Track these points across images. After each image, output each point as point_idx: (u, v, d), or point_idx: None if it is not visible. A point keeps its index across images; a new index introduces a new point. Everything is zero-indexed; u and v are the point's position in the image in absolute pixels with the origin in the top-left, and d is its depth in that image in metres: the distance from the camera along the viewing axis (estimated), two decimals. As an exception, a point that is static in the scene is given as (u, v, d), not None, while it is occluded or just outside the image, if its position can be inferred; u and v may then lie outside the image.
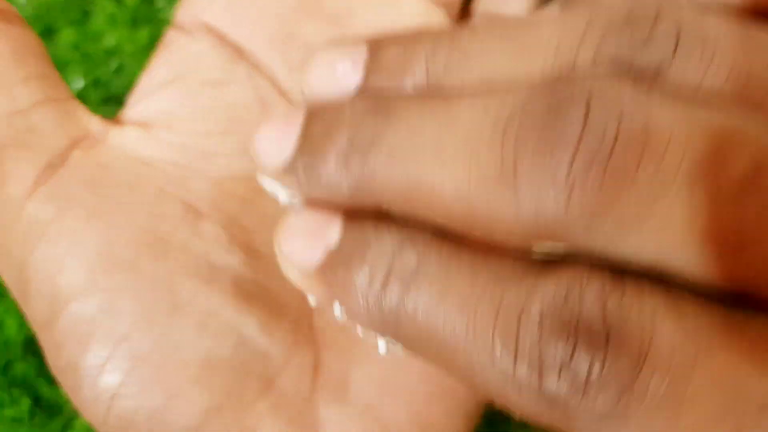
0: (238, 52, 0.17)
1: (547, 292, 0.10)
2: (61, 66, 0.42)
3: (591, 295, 0.10)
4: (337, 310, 0.13)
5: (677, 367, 0.10)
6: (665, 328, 0.10)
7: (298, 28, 0.18)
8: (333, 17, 0.18)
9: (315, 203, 0.13)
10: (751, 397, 0.10)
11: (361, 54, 0.13)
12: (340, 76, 0.13)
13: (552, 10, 0.13)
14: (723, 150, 0.10)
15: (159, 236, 0.15)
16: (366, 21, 0.18)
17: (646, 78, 0.11)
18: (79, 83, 0.45)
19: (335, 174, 0.12)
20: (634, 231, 0.10)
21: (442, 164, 0.11)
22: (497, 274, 0.11)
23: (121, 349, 0.14)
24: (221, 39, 0.17)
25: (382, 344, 0.13)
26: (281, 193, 0.14)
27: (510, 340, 0.10)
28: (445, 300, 0.11)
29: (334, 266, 0.12)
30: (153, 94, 0.17)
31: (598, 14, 0.12)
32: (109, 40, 0.45)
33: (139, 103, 0.17)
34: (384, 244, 0.12)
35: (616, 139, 0.10)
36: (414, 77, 0.13)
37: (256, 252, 0.16)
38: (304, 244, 0.13)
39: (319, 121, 0.13)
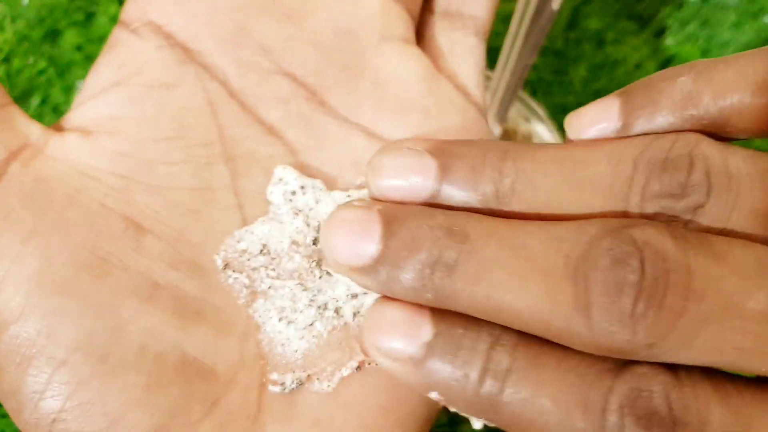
0: (186, 52, 0.16)
1: (622, 390, 0.13)
2: (64, 67, 0.42)
3: (659, 391, 0.13)
4: (435, 395, 0.14)
5: None
6: (716, 412, 0.13)
7: (251, 25, 0.16)
8: (289, 14, 0.17)
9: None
10: None
11: (432, 168, 0.15)
12: (411, 185, 0.15)
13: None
14: (746, 289, 0.13)
15: (99, 254, 0.14)
16: (323, 18, 0.17)
17: (688, 213, 0.14)
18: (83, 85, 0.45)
19: (419, 285, 0.14)
20: (684, 350, 0.13)
21: (523, 294, 0.13)
22: (580, 374, 0.13)
23: (60, 374, 0.14)
24: (169, 38, 0.16)
25: (478, 423, 0.15)
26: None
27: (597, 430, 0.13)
28: (539, 396, 0.13)
29: (430, 362, 0.14)
30: (96, 97, 0.16)
31: (643, 155, 0.14)
32: (112, 40, 0.44)
33: (82, 107, 0.16)
34: (476, 346, 0.14)
35: (667, 285, 0.13)
36: (484, 195, 0.15)
37: (201, 267, 0.15)
38: (398, 339, 0.14)
39: (398, 233, 0.14)
